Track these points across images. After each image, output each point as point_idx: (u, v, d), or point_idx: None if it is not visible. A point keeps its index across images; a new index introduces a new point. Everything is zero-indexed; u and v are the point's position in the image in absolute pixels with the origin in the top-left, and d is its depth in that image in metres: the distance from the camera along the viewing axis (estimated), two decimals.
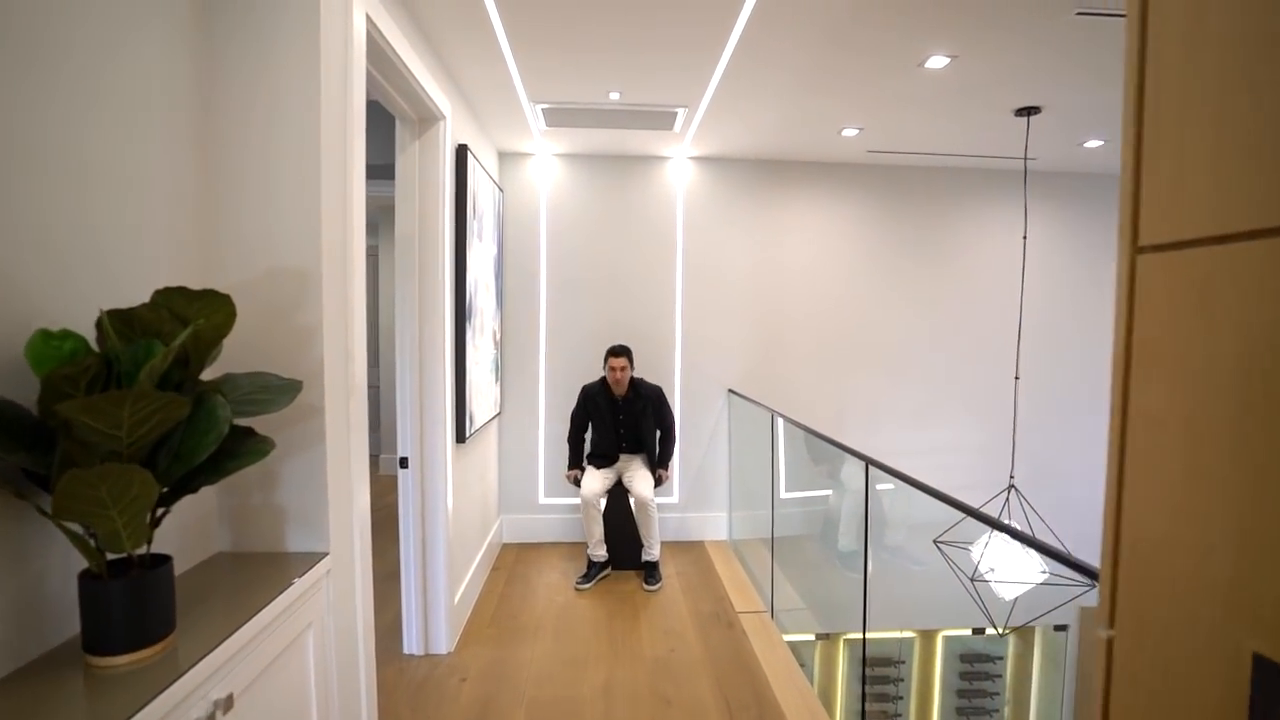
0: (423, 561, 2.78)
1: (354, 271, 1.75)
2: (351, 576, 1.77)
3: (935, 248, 4.44)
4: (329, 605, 1.63)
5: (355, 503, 1.78)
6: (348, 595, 1.74)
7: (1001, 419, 4.51)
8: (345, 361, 1.72)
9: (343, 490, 1.71)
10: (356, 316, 1.78)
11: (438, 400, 2.74)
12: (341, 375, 1.70)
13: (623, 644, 2.91)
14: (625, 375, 3.72)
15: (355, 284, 1.76)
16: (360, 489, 1.80)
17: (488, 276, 3.56)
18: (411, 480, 2.73)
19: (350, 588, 1.76)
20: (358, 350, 1.79)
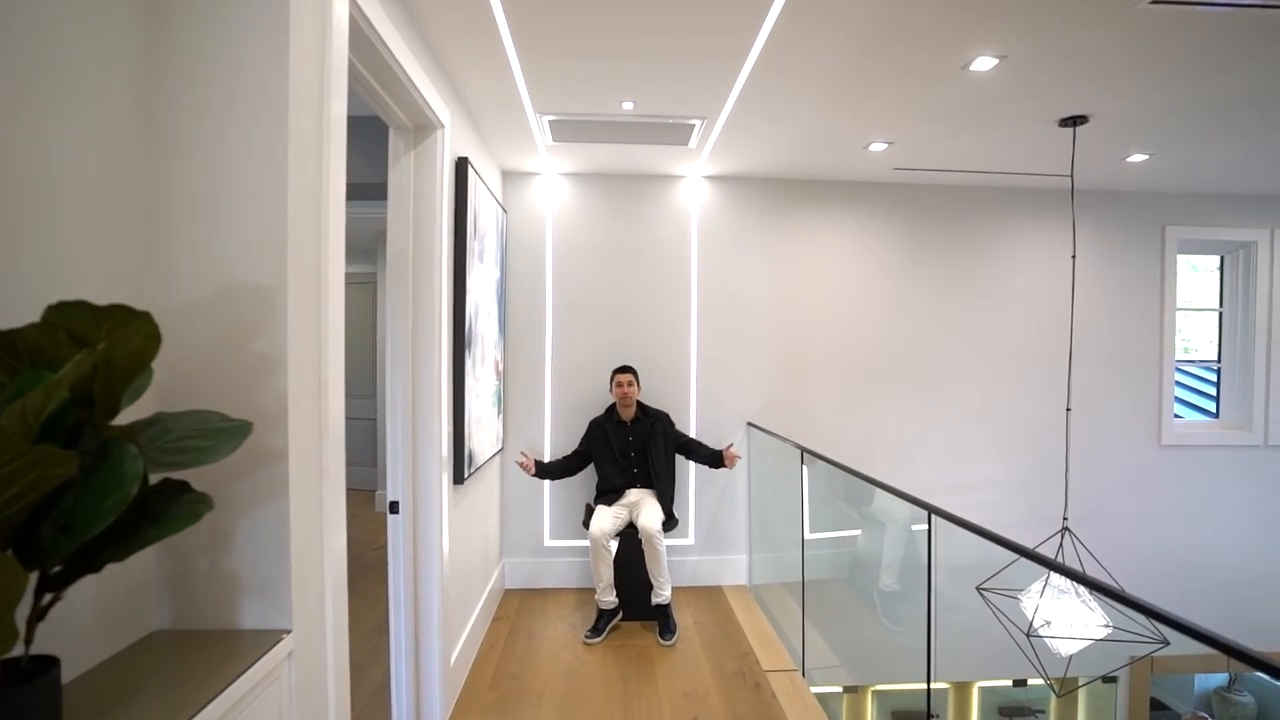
0: (414, 620, 2.47)
1: (330, 291, 1.49)
2: (321, 657, 1.47)
3: (966, 272, 4.18)
4: (290, 693, 1.33)
5: (327, 566, 1.49)
6: (315, 680, 1.44)
7: (1039, 454, 4.21)
8: (317, 397, 1.46)
9: (310, 551, 1.42)
10: (332, 344, 1.52)
11: (433, 437, 2.46)
12: (312, 413, 1.43)
13: (639, 712, 2.59)
14: (633, 392, 3.55)
15: (331, 306, 1.50)
16: (333, 548, 1.52)
17: (489, 302, 3.31)
18: (402, 527, 2.44)
19: (318, 671, 1.46)
20: (333, 383, 1.52)
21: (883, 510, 3.81)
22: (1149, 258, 4.28)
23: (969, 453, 4.21)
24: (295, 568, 1.35)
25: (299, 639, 1.36)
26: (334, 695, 1.51)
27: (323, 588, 1.48)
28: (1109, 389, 4.25)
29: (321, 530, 1.48)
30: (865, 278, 4.11)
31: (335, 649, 1.52)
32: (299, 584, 1.36)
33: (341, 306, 1.56)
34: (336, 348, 1.54)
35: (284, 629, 1.33)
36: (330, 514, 1.51)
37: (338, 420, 1.54)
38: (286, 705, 1.31)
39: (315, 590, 1.45)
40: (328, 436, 1.49)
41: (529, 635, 3.27)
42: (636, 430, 3.59)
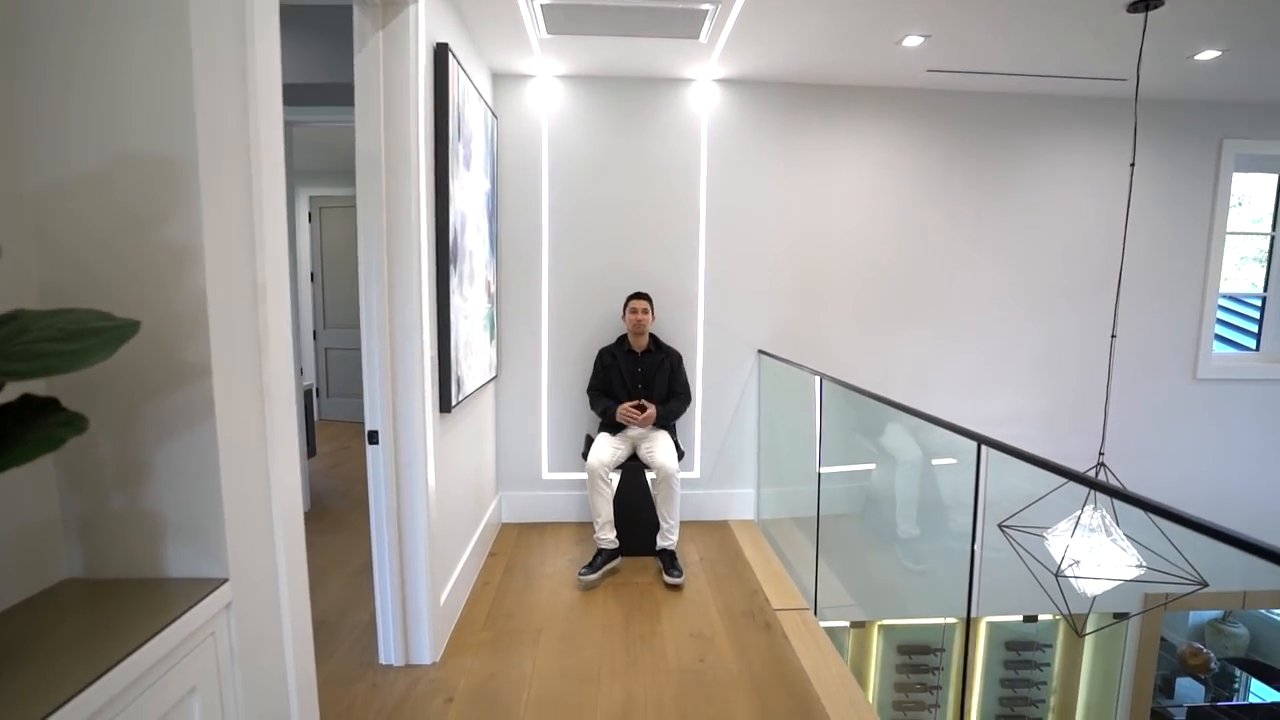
0: (399, 557, 2.29)
1: (263, 168, 1.21)
2: (272, 610, 1.26)
3: (998, 190, 3.83)
4: (232, 655, 1.13)
5: (277, 504, 1.26)
6: (266, 636, 1.24)
7: (1067, 389, 3.97)
8: (251, 299, 1.19)
9: (251, 487, 1.19)
10: (271, 236, 1.24)
11: (413, 360, 2.21)
12: (243, 319, 1.17)
13: (642, 652, 2.44)
14: (647, 320, 3.34)
15: (266, 187, 1.22)
16: (284, 483, 1.29)
17: (478, 215, 2.99)
18: (383, 459, 2.22)
19: (269, 626, 1.25)
20: (275, 284, 1.25)
21: (897, 447, 3.61)
22: (1200, 175, 3.91)
23: (992, 385, 3.97)
24: (230, 506, 1.12)
25: (240, 589, 1.14)
26: (293, 652, 1.31)
27: (271, 530, 1.26)
28: (1143, 319, 3.96)
29: (267, 462, 1.25)
30: (889, 196, 3.77)
31: (292, 601, 1.31)
32: (237, 525, 1.14)
33: (280, 188, 1.27)
34: (277, 241, 1.26)
35: (219, 577, 1.11)
36: (279, 443, 1.27)
37: (282, 330, 1.28)
38: (226, 665, 1.11)
39: (261, 532, 1.22)
40: (270, 350, 1.23)
41: (526, 571, 3.12)
42: (647, 362, 3.38)
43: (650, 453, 3.21)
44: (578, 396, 3.65)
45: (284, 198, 1.29)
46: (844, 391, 2.95)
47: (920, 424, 3.49)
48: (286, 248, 1.30)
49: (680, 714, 2.09)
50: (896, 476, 3.53)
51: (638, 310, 3.31)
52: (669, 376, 3.41)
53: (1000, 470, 3.82)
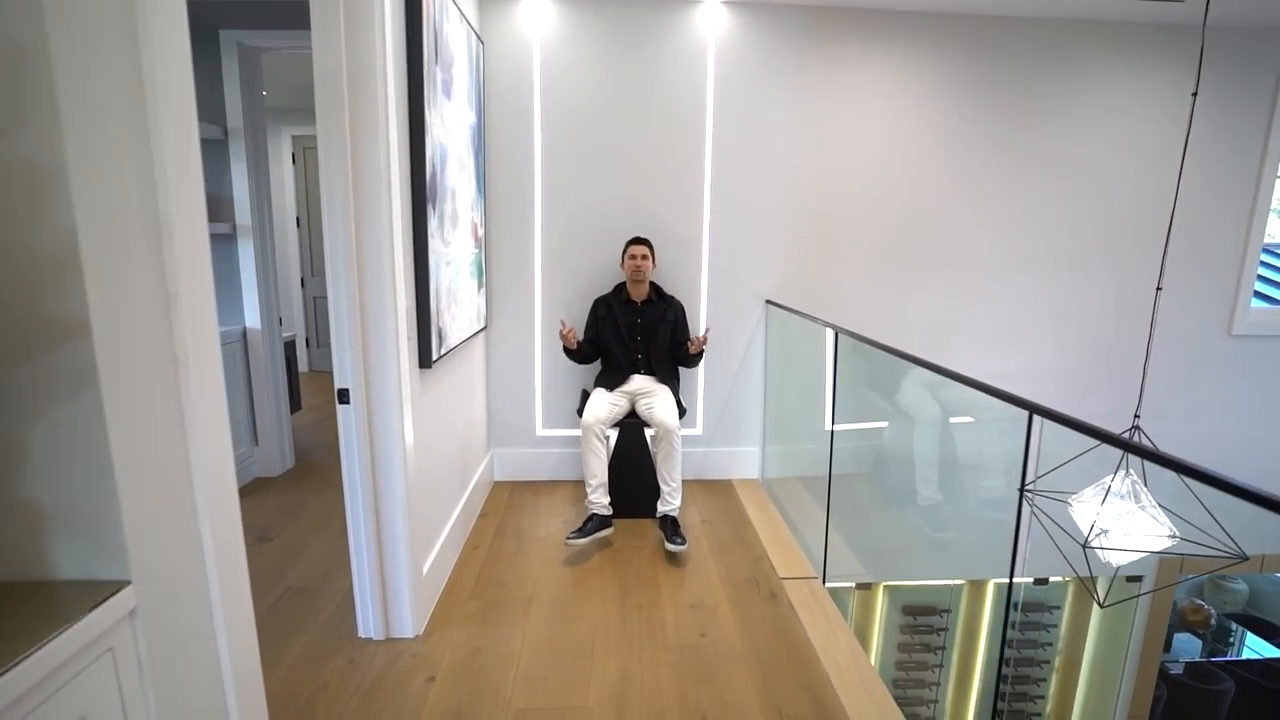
0: (376, 526, 2.10)
1: (158, 56, 0.95)
2: (200, 617, 1.07)
3: (1029, 132, 3.51)
4: (139, 672, 0.93)
5: (202, 488, 1.05)
6: (191, 646, 1.05)
7: (1093, 345, 3.74)
8: (147, 235, 0.95)
9: (161, 470, 0.98)
10: (173, 145, 0.99)
11: (385, 312, 1.98)
12: (141, 260, 0.93)
13: (640, 624, 2.28)
14: (647, 267, 3.09)
15: (164, 78, 0.96)
16: (212, 467, 1.07)
17: (462, 150, 2.71)
18: (355, 419, 2.02)
19: (195, 636, 1.06)
20: (185, 214, 1.01)
21: (913, 405, 3.41)
22: (1253, 113, 3.58)
23: (1012, 341, 3.73)
24: (130, 493, 0.90)
25: (149, 592, 0.94)
26: (231, 661, 1.12)
27: (194, 520, 1.05)
28: (1178, 270, 3.69)
29: (185, 440, 1.03)
30: (909, 137, 3.45)
31: (227, 601, 1.12)
32: (141, 516, 0.93)
33: (188, 84, 1.02)
34: (184, 159, 1.01)
35: (119, 579, 0.91)
36: (200, 417, 1.05)
37: (199, 280, 1.05)
38: (132, 685, 0.92)
39: (178, 524, 1.02)
40: (182, 304, 1.00)
41: (518, 535, 2.96)
42: (647, 313, 3.16)
43: (650, 409, 3.00)
44: None
45: (192, 95, 1.03)
46: (855, 345, 2.72)
47: (938, 380, 3.27)
48: (199, 170, 1.06)
49: (679, 693, 1.94)
50: (914, 436, 3.34)
51: (636, 256, 3.05)
52: (671, 329, 3.18)
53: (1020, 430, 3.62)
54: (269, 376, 3.49)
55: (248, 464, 3.48)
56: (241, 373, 3.41)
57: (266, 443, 3.54)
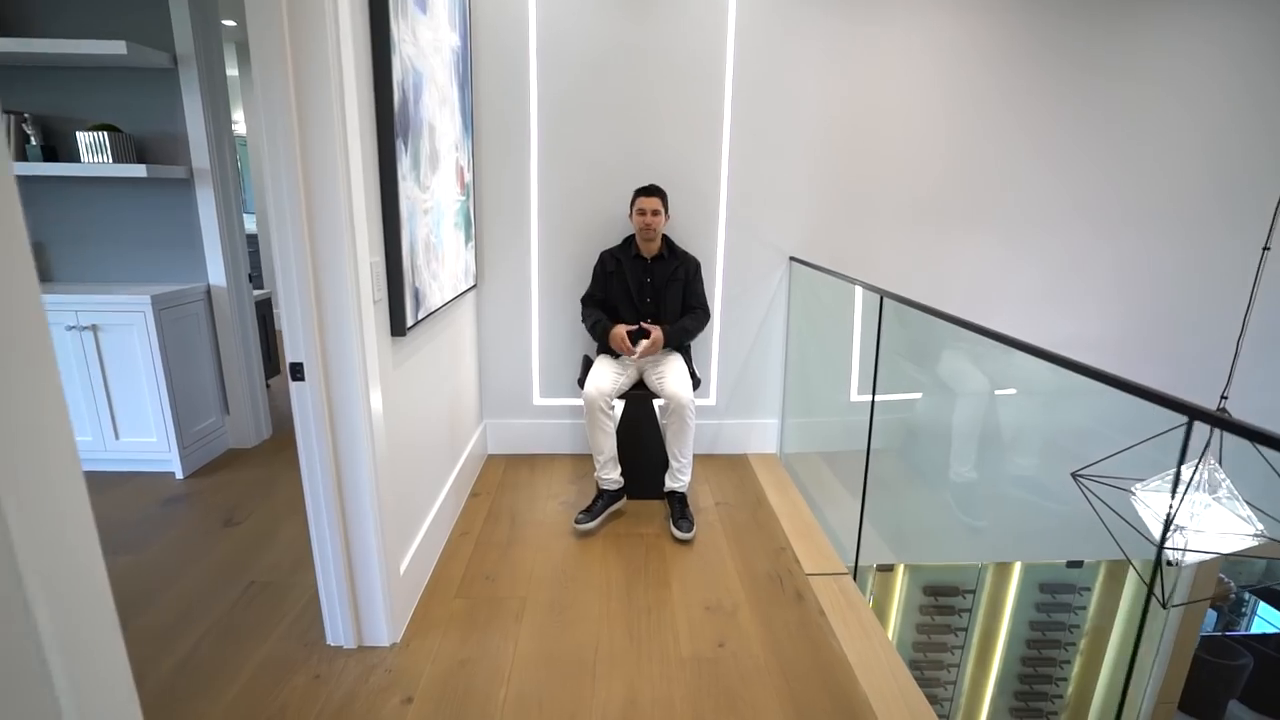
0: (342, 522, 1.80)
1: None
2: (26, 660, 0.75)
3: (1090, 79, 3.07)
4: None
5: (23, 478, 0.72)
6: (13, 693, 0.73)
7: (1152, 313, 3.38)
8: None
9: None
10: None
11: (343, 270, 1.63)
12: None
13: (648, 631, 2.00)
14: (658, 223, 2.70)
15: None
16: (44, 453, 0.74)
17: (444, 79, 2.31)
18: (311, 400, 1.69)
19: (18, 680, 0.74)
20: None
21: (955, 375, 3.07)
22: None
23: (1060, 305, 3.37)
24: None
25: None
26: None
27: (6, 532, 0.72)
28: (1258, 234, 3.30)
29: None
30: (955, 78, 3.02)
31: (73, 643, 0.79)
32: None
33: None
34: None
35: None
36: (18, 406, 0.71)
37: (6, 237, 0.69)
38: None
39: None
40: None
41: (512, 518, 2.66)
42: (658, 271, 2.78)
43: (660, 379, 2.67)
44: (576, 310, 3.08)
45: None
46: (891, 309, 2.37)
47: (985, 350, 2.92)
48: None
49: (695, 719, 1.67)
50: (955, 409, 3.02)
51: (646, 211, 2.67)
52: (683, 288, 2.81)
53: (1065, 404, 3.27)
54: (239, 339, 3.15)
55: (218, 435, 3.18)
56: (207, 335, 3.08)
57: (239, 412, 3.23)
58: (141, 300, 2.69)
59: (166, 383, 2.81)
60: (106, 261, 2.98)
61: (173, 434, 2.87)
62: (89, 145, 2.67)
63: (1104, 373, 1.30)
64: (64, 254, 2.96)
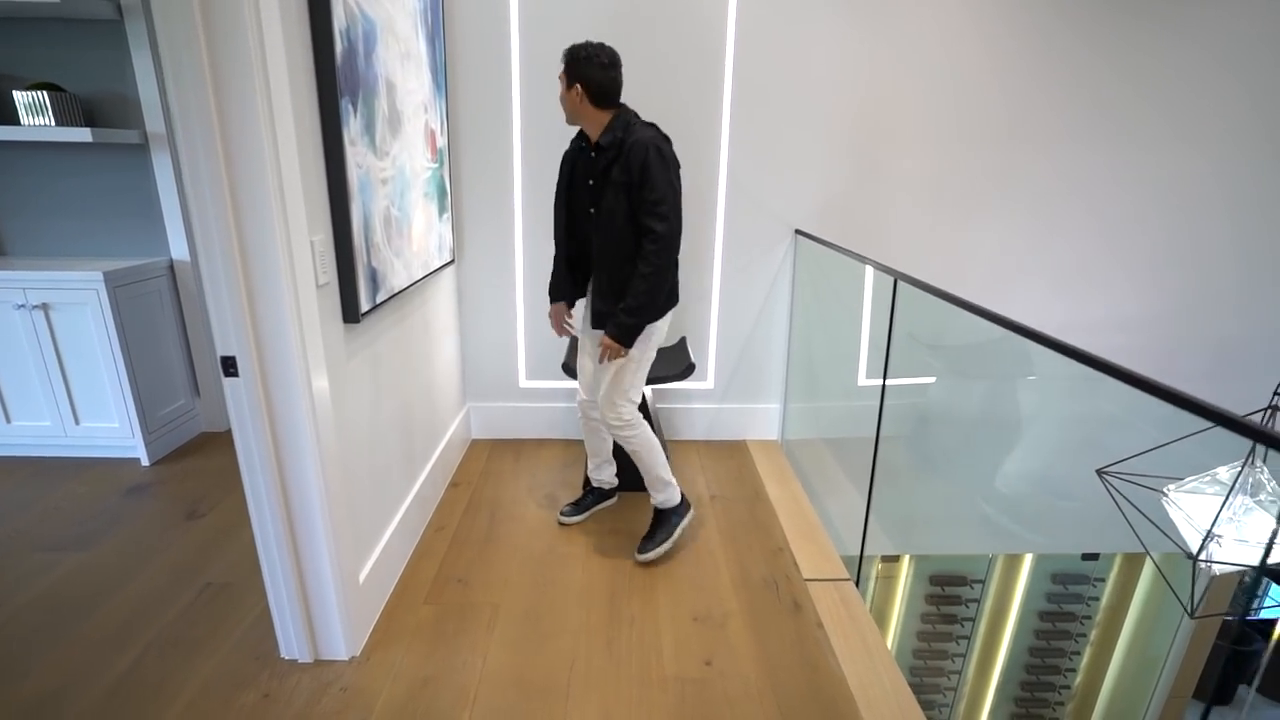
0: (289, 531, 1.62)
1: None
2: None
3: (1129, 44, 2.77)
4: None
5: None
6: None
7: (1192, 292, 3.13)
8: None
9: None
10: None
11: (272, 252, 1.42)
12: None
13: (629, 646, 1.83)
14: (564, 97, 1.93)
15: None
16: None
17: (406, 28, 2.06)
18: (247, 397, 1.50)
19: None
20: None
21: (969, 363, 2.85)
22: None
23: (1091, 286, 3.12)
24: None
25: None
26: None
27: None
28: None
29: None
30: (980, 42, 2.72)
31: None
32: None
33: None
34: None
35: None
36: None
37: None
38: None
39: None
40: None
41: (491, 513, 2.49)
42: (597, 165, 1.94)
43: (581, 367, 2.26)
44: None
45: None
46: (904, 290, 2.14)
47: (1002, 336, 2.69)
48: None
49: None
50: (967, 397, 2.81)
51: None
52: (624, 197, 1.88)
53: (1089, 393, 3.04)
54: (207, 316, 2.96)
55: (188, 418, 3.01)
56: (171, 313, 2.89)
57: (210, 393, 3.06)
58: (93, 277, 2.50)
59: (126, 364, 2.63)
60: (61, 234, 2.79)
61: (135, 418, 2.71)
62: (27, 106, 2.44)
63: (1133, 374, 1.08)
64: (13, 226, 2.77)
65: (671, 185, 1.89)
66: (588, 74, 1.88)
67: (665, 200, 1.85)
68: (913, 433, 3.07)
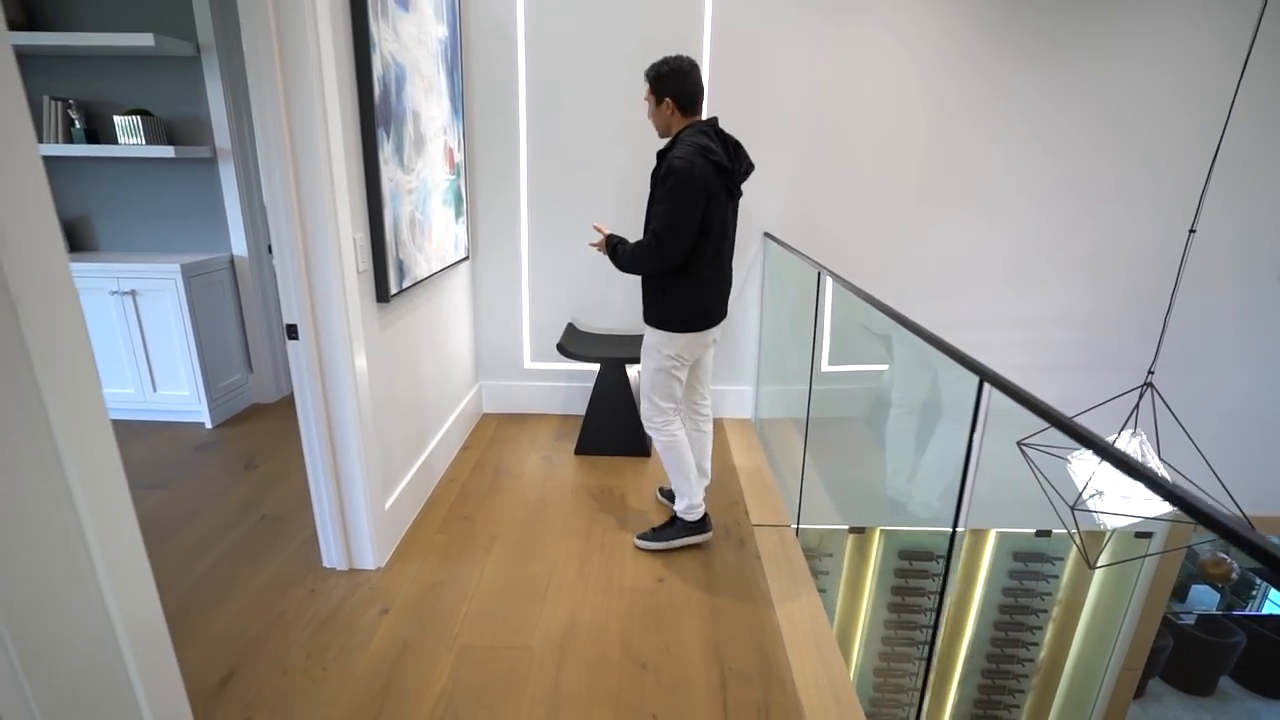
0: (332, 463, 2.10)
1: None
2: (76, 560, 1.04)
3: (1067, 56, 3.13)
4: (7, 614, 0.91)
5: (58, 423, 1.00)
6: (64, 595, 1.02)
7: (1129, 289, 3.47)
8: None
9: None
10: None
11: (327, 245, 1.89)
12: None
13: (598, 566, 2.27)
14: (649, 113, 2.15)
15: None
16: (74, 396, 1.02)
17: (430, 68, 2.53)
18: (304, 357, 1.97)
19: (66, 579, 1.03)
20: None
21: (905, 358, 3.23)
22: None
23: (1037, 281, 3.48)
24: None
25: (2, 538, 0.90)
26: (120, 610, 1.11)
27: (59, 465, 1.00)
28: (1234, 210, 3.35)
29: (35, 381, 0.97)
30: (931, 59, 3.11)
31: (109, 547, 1.08)
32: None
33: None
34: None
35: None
36: (52, 355, 0.98)
37: (37, 207, 0.96)
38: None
39: (36, 468, 0.97)
40: (9, 241, 0.92)
41: (496, 469, 2.95)
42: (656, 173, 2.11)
43: None
44: (563, 280, 3.34)
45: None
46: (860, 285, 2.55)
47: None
48: (16, 80, 0.95)
49: (623, 638, 1.94)
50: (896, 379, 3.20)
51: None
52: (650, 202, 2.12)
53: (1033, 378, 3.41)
54: (260, 304, 3.48)
55: (242, 391, 3.53)
56: (231, 300, 3.41)
57: (261, 370, 3.57)
58: (172, 269, 3.02)
59: (196, 342, 3.15)
60: (143, 233, 3.32)
61: (202, 388, 3.22)
62: (125, 128, 2.98)
63: (919, 327, 1.48)
64: (107, 226, 3.31)
65: (677, 212, 1.99)
66: (675, 86, 2.05)
67: (665, 214, 2.00)
68: (870, 415, 3.46)
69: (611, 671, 1.82)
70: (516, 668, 1.82)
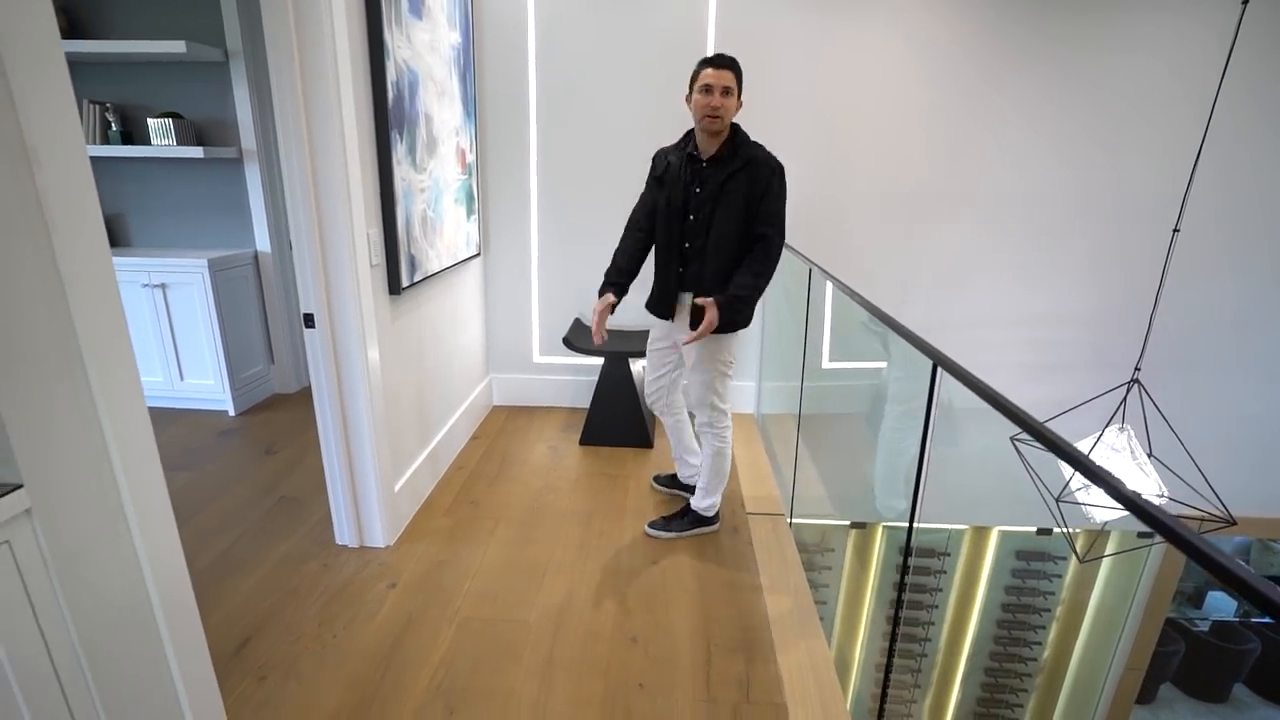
0: (345, 444, 2.22)
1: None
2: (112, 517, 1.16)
3: (1066, 57, 3.18)
4: (45, 565, 1.04)
5: (100, 393, 1.12)
6: (99, 546, 1.15)
7: (1122, 288, 3.51)
8: (9, 153, 0.99)
9: (46, 379, 1.05)
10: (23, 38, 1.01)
11: (342, 239, 2.02)
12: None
13: (596, 549, 2.37)
14: (729, 108, 2.03)
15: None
16: (113, 368, 1.14)
17: (443, 74, 2.66)
18: (320, 345, 2.10)
19: (102, 533, 1.16)
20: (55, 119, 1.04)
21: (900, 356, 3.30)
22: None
23: (1032, 281, 3.53)
24: (14, 405, 0.98)
25: (44, 494, 1.03)
26: (150, 563, 1.23)
27: (98, 430, 1.13)
28: (1231, 211, 3.37)
29: (81, 355, 1.10)
30: (932, 63, 3.19)
31: (141, 508, 1.21)
32: (28, 426, 1.00)
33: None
34: (49, 69, 1.03)
35: (11, 483, 1.00)
36: (96, 331, 1.11)
37: (83, 198, 1.08)
38: (36, 575, 1.02)
39: (77, 433, 1.10)
40: (59, 227, 1.04)
41: (503, 458, 3.07)
42: (710, 177, 2.09)
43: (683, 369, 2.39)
44: (573, 276, 3.45)
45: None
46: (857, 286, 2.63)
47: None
48: (67, 84, 1.08)
49: (616, 618, 2.04)
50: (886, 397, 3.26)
51: (714, 88, 1.99)
52: (745, 205, 2.07)
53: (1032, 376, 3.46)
54: (281, 298, 3.64)
55: (264, 381, 3.69)
56: (254, 294, 3.57)
57: (281, 361, 3.73)
58: (200, 263, 3.18)
59: (221, 334, 3.31)
60: (173, 229, 3.49)
61: (226, 378, 3.38)
62: (158, 130, 3.15)
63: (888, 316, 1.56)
64: (139, 223, 3.49)
65: (784, 209, 2.13)
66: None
67: (780, 214, 2.11)
68: (870, 411, 3.52)
69: (603, 645, 1.92)
70: (514, 640, 1.92)
